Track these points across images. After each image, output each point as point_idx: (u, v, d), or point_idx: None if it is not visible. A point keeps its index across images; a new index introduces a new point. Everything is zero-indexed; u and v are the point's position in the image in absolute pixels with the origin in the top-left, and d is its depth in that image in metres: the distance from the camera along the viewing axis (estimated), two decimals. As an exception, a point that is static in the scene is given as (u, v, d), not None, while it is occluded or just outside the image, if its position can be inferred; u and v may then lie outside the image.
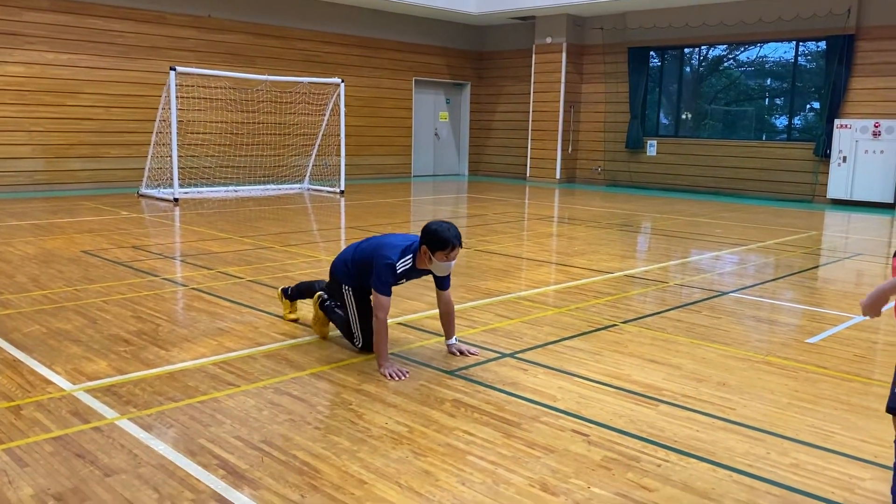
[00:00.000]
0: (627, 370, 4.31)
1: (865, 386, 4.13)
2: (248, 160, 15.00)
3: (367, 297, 4.38)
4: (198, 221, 10.34)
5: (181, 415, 3.52)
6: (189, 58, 14.56)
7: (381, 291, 4.15)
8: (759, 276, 7.42)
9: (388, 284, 4.17)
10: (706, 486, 2.93)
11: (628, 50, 17.59)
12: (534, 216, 12.24)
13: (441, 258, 4.10)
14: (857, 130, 14.24)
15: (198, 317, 5.29)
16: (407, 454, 3.15)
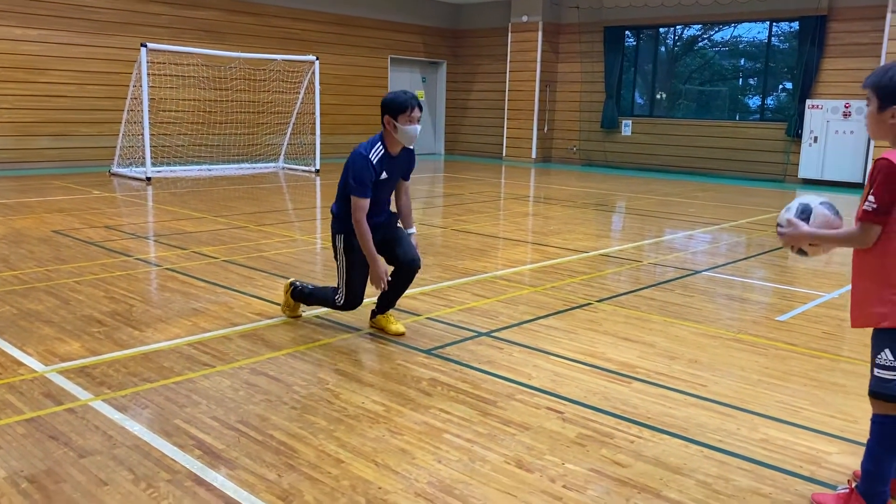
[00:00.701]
0: (602, 348, 4.36)
1: (833, 362, 4.22)
2: (221, 139, 14.82)
3: (357, 248, 4.26)
4: (171, 201, 10.22)
5: (156, 396, 3.50)
6: (162, 34, 14.30)
7: (356, 193, 4.11)
8: (731, 254, 7.52)
9: (364, 183, 4.10)
10: (678, 461, 2.99)
11: (604, 29, 17.58)
12: (510, 196, 12.26)
13: (405, 122, 4.13)
14: (829, 111, 14.41)
15: (172, 297, 5.25)
16: (383, 433, 3.17)
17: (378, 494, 2.67)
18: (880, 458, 2.50)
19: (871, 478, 2.52)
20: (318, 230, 8.55)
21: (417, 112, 4.17)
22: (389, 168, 4.27)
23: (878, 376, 2.50)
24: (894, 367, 2.46)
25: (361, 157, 4.15)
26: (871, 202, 2.41)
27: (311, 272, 6.18)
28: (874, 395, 2.54)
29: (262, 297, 5.29)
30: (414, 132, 4.18)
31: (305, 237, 7.88)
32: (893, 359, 2.45)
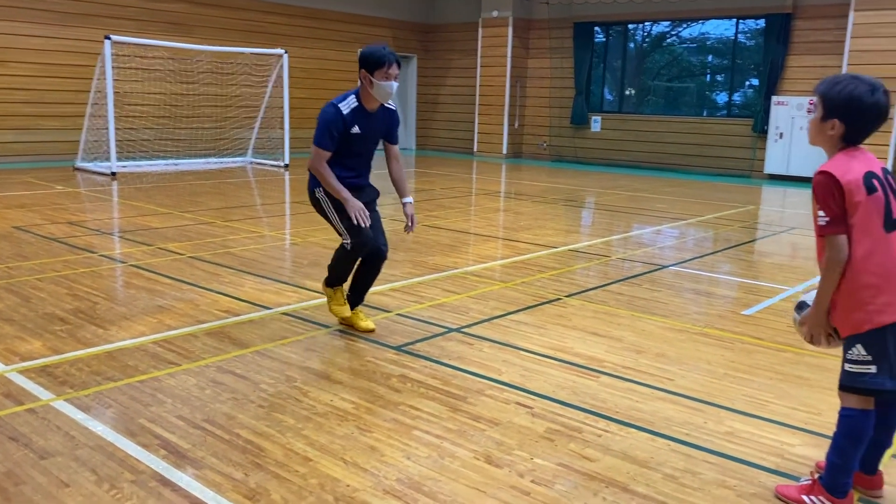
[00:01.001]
0: (570, 343, 4.38)
1: (798, 356, 4.29)
2: (188, 133, 14.62)
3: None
4: (136, 196, 10.06)
5: (120, 395, 3.44)
6: (126, 26, 14.05)
7: (318, 141, 4.02)
8: (698, 249, 7.60)
9: (329, 132, 3.99)
10: (645, 455, 3.01)
11: (574, 25, 17.65)
12: (481, 191, 12.27)
13: (381, 77, 4.00)
14: (794, 107, 14.63)
15: (137, 294, 5.17)
16: (352, 430, 3.15)
17: (346, 492, 2.65)
18: (846, 450, 2.54)
19: (836, 470, 2.56)
20: (286, 226, 8.48)
21: (395, 69, 4.04)
22: (364, 124, 4.11)
23: (848, 370, 2.54)
24: (866, 361, 2.49)
25: (331, 107, 4.04)
26: (823, 216, 2.46)
27: (280, 268, 6.12)
28: (844, 389, 2.57)
29: (229, 293, 5.23)
30: (390, 89, 4.05)
31: (274, 233, 7.80)
32: (865, 353, 2.49)
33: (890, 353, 2.48)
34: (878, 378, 2.48)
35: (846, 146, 2.52)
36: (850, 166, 2.46)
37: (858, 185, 2.43)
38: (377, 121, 4.21)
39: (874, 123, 2.48)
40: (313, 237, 7.40)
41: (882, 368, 2.47)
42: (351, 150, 4.15)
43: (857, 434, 2.53)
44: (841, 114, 2.47)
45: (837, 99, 2.46)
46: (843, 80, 2.47)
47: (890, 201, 2.48)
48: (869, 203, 2.43)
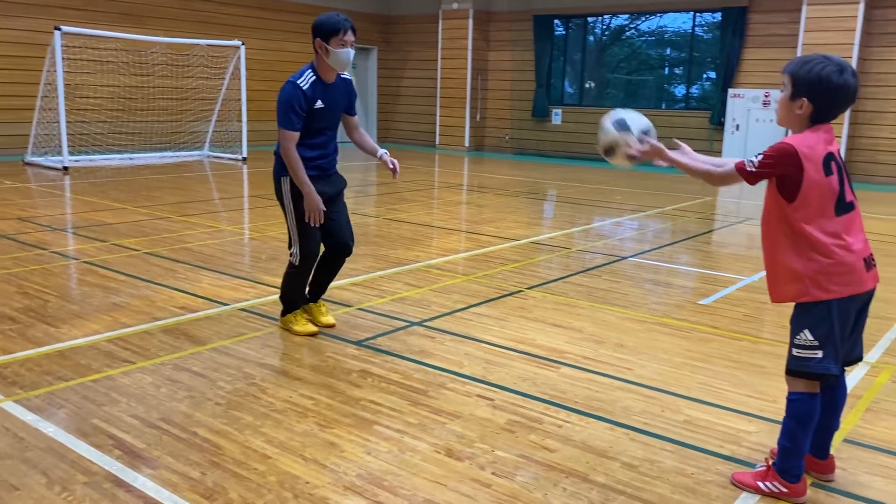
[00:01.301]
0: (532, 335, 4.40)
1: (753, 344, 4.36)
2: (143, 126, 14.30)
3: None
4: (90, 191, 9.83)
5: (73, 395, 3.36)
6: (77, 17, 13.67)
7: (283, 123, 3.88)
8: (656, 240, 7.69)
9: (294, 111, 3.86)
10: (604, 444, 3.03)
11: (533, 18, 17.70)
12: (443, 184, 12.25)
13: (337, 45, 3.88)
14: (749, 100, 14.88)
15: (90, 291, 5.05)
16: (312, 427, 3.11)
17: (306, 489, 2.62)
18: (796, 434, 2.59)
19: (788, 454, 2.61)
20: (245, 220, 8.37)
21: (350, 35, 3.93)
22: (326, 97, 3.99)
23: (795, 355, 2.59)
24: (812, 346, 2.54)
25: (290, 85, 3.90)
26: (753, 164, 2.53)
27: (237, 264, 6.03)
28: (792, 374, 2.62)
29: (186, 290, 5.14)
30: (347, 56, 3.92)
31: (232, 227, 7.69)
32: (812, 338, 2.54)
33: (835, 337, 2.53)
34: (823, 363, 2.53)
35: (812, 125, 2.55)
36: (814, 144, 2.50)
37: (818, 166, 2.47)
38: (337, 92, 4.08)
39: (842, 104, 2.50)
40: (272, 231, 7.31)
41: (828, 353, 2.53)
42: (315, 128, 4.00)
43: (805, 417, 2.58)
44: (810, 93, 2.49)
45: (807, 78, 2.49)
46: (814, 60, 2.50)
47: (843, 185, 2.53)
48: (824, 184, 2.48)
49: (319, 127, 4.03)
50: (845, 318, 2.56)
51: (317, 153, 4.06)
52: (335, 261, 4.35)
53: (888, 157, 13.92)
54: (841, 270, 2.50)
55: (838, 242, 2.50)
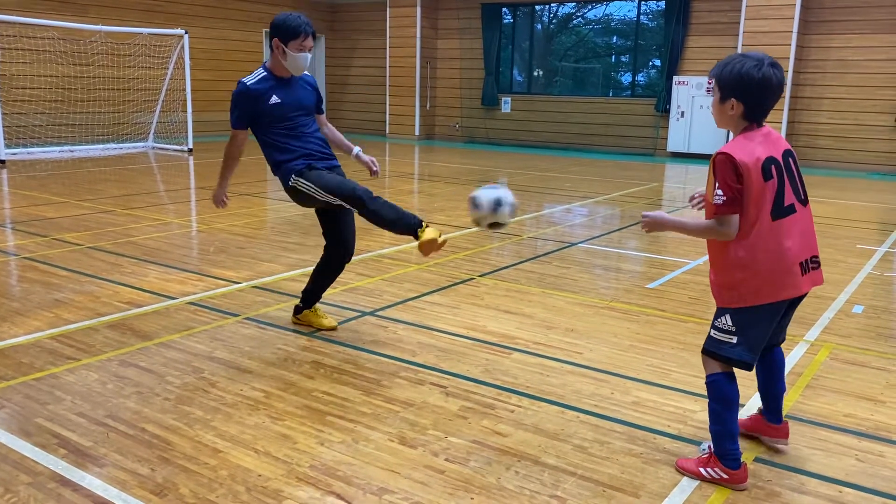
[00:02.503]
0: (483, 321, 4.43)
1: (699, 326, 4.47)
2: (84, 117, 13.90)
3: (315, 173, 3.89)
4: (28, 185, 9.52)
5: (14, 394, 3.27)
6: (10, 4, 13.19)
7: (231, 122, 3.87)
8: (605, 226, 7.81)
9: (241, 109, 3.82)
10: (556, 427, 3.08)
11: (482, 6, 17.71)
12: (394, 173, 12.21)
13: (296, 49, 3.81)
14: (693, 87, 15.17)
15: (31, 288, 4.90)
16: (264, 419, 3.09)
17: (258, 482, 2.60)
18: (721, 415, 2.65)
19: (720, 437, 2.67)
20: (192, 212, 8.21)
21: (310, 40, 3.87)
22: (282, 92, 3.88)
23: (713, 337, 2.66)
24: (730, 331, 2.61)
25: (239, 85, 3.85)
26: (720, 195, 2.48)
27: (185, 257, 5.92)
28: (707, 354, 2.69)
29: (131, 284, 5.03)
30: (304, 60, 3.86)
31: (179, 220, 7.54)
32: (731, 325, 2.60)
33: (757, 331, 2.60)
34: (737, 349, 2.60)
35: (749, 125, 2.57)
36: (752, 149, 2.50)
37: (757, 170, 2.47)
38: (298, 88, 3.99)
39: (769, 98, 2.53)
40: (219, 223, 7.20)
41: (741, 342, 2.60)
42: (283, 126, 3.89)
43: (726, 398, 2.64)
44: (736, 93, 2.52)
45: (729, 78, 2.53)
46: (732, 61, 2.54)
47: (784, 188, 2.53)
48: (764, 189, 2.48)
49: (289, 125, 3.92)
50: (772, 318, 2.63)
51: (300, 142, 3.94)
52: (337, 264, 4.19)
53: (826, 143, 14.36)
54: (773, 278, 2.53)
55: (772, 249, 2.51)
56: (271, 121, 3.88)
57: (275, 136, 3.92)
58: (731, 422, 2.65)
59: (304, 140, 3.96)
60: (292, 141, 3.93)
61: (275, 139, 3.92)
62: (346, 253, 4.18)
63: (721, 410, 2.65)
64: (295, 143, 3.93)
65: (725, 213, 2.49)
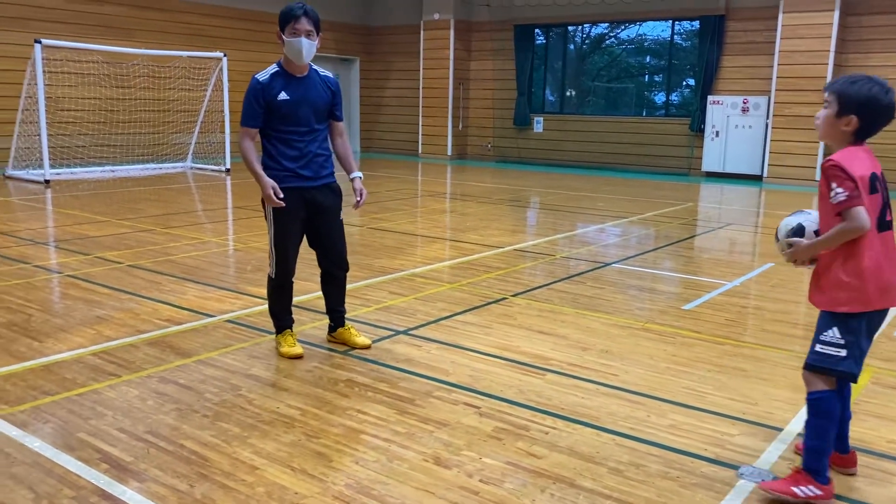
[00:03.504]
0: (517, 342, 4.43)
1: (736, 348, 4.41)
2: (125, 138, 14.23)
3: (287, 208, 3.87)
4: (72, 204, 9.77)
5: (58, 409, 3.34)
6: (58, 30, 13.61)
7: (242, 120, 3.81)
8: (639, 247, 7.76)
9: (251, 106, 3.79)
10: (591, 450, 3.06)
11: (514, 27, 17.82)
12: (426, 193, 12.28)
13: (290, 33, 3.77)
14: (728, 106, 15.06)
15: (74, 305, 5.02)
16: (300, 437, 3.12)
17: (294, 500, 2.63)
18: (822, 432, 2.65)
19: (818, 454, 2.66)
20: (229, 231, 8.35)
21: (305, 23, 3.77)
22: (293, 90, 3.83)
23: (820, 352, 2.66)
24: (838, 344, 2.62)
25: (252, 81, 3.83)
26: (841, 192, 2.53)
27: (223, 275, 6.02)
28: (814, 370, 2.68)
29: (171, 302, 5.12)
30: (298, 45, 3.77)
31: (216, 239, 7.67)
32: (839, 337, 2.62)
33: (861, 342, 2.63)
34: (845, 362, 2.62)
35: (855, 141, 2.66)
36: (859, 163, 2.59)
37: (864, 183, 2.56)
38: (312, 87, 3.90)
39: (884, 122, 2.65)
40: (256, 242, 7.31)
41: (850, 354, 2.62)
42: (287, 123, 3.82)
43: (830, 414, 2.65)
44: (858, 111, 2.60)
45: (856, 97, 2.60)
46: (861, 80, 2.62)
47: (886, 203, 2.64)
48: (870, 202, 2.56)
49: (293, 122, 3.84)
50: (875, 329, 2.68)
51: (294, 153, 3.87)
52: (333, 278, 4.22)
53: (865, 162, 14.10)
54: (882, 286, 2.60)
55: (881, 258, 2.59)
56: (276, 120, 3.83)
57: (273, 139, 3.87)
58: (829, 439, 2.67)
59: (299, 150, 3.89)
60: (287, 150, 3.87)
61: (273, 143, 3.88)
62: (334, 264, 4.16)
63: (825, 426, 2.65)
64: (290, 150, 3.87)
65: (851, 206, 2.53)
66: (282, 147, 3.90)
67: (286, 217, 3.92)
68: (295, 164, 3.90)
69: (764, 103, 14.65)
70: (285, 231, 3.96)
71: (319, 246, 4.16)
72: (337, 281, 4.26)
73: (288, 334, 4.18)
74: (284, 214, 3.91)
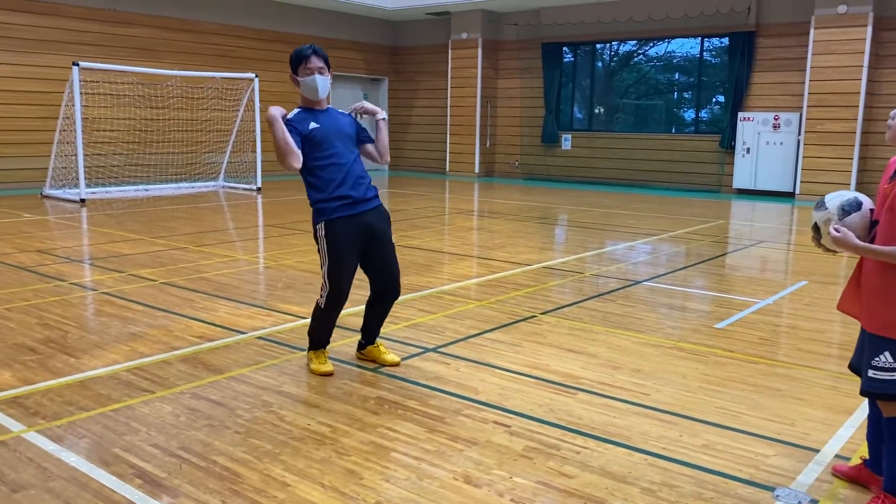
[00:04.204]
0: (546, 360, 4.41)
1: (770, 367, 4.35)
2: (158, 158, 14.51)
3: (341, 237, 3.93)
4: (106, 222, 9.95)
5: (93, 424, 3.40)
6: (94, 52, 13.96)
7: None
8: (670, 264, 7.69)
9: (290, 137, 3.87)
10: (623, 470, 3.03)
11: (542, 45, 17.87)
12: (454, 210, 12.32)
13: (303, 73, 3.97)
14: (759, 123, 14.92)
15: (108, 322, 5.11)
16: (330, 454, 3.13)
17: (325, 517, 2.63)
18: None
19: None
20: (260, 249, 8.44)
21: (315, 61, 3.96)
22: (321, 121, 3.97)
23: (872, 377, 2.60)
24: (892, 368, 2.54)
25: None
26: None
27: (254, 292, 6.08)
28: (867, 395, 2.64)
29: (203, 319, 5.19)
30: (313, 82, 3.95)
31: (247, 256, 7.76)
32: (893, 361, 2.54)
33: None
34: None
35: None
36: None
37: None
38: (336, 117, 4.08)
39: None
40: (287, 260, 7.38)
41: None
42: (324, 149, 3.91)
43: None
44: None
45: None
46: None
47: None
48: None
49: (328, 147, 3.93)
50: None
51: (340, 175, 3.92)
52: (383, 303, 4.22)
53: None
54: None
55: None
56: (314, 149, 3.91)
57: (316, 169, 3.92)
58: None
59: (345, 172, 3.95)
60: (333, 175, 3.92)
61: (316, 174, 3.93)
62: (387, 290, 4.17)
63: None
64: (335, 178, 3.92)
65: None
66: (327, 173, 3.93)
67: (342, 246, 3.93)
68: (343, 188, 3.93)
69: (795, 119, 14.50)
70: (341, 261, 3.95)
71: (373, 271, 4.13)
72: (385, 307, 4.25)
73: (321, 352, 4.20)
74: (341, 243, 3.92)
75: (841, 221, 2.62)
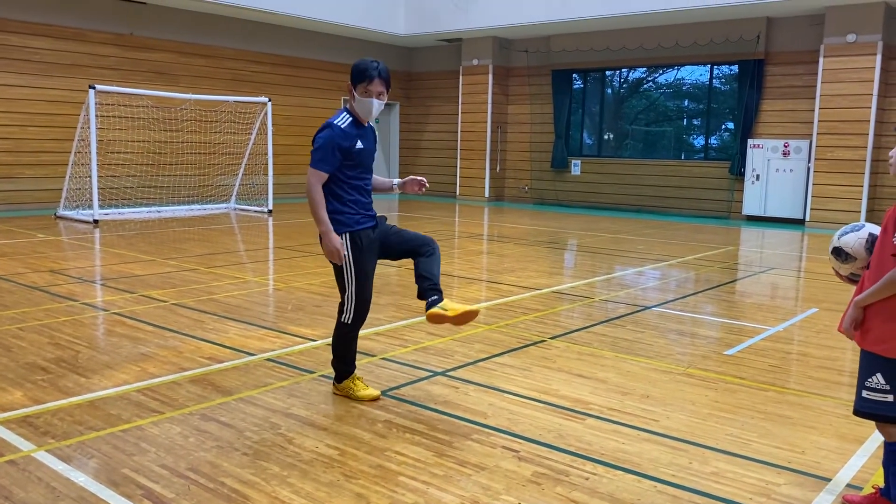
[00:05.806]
0: (555, 385, 4.40)
1: (780, 395, 4.32)
2: (171, 180, 14.65)
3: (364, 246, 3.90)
4: (119, 243, 10.03)
5: (103, 444, 3.41)
6: (110, 76, 14.17)
7: (317, 163, 3.72)
8: (680, 290, 7.67)
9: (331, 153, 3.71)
10: (632, 497, 3.01)
11: (552, 72, 18.01)
12: (464, 234, 12.34)
13: (361, 92, 3.78)
14: (769, 150, 14.94)
15: (119, 342, 5.13)
16: (338, 477, 3.13)
17: (333, 540, 2.63)
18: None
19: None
20: (270, 271, 8.48)
21: (378, 85, 3.79)
22: (365, 140, 3.87)
23: (865, 397, 2.62)
24: (884, 390, 2.57)
25: (331, 126, 3.77)
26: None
27: (264, 314, 6.11)
28: (860, 415, 2.65)
29: (213, 340, 5.21)
30: (370, 105, 3.81)
31: (258, 278, 7.80)
32: (884, 383, 2.57)
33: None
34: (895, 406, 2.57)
35: None
36: None
37: None
38: (373, 138, 4.00)
39: None
40: (297, 282, 7.41)
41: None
42: (357, 169, 3.87)
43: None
44: None
45: None
46: None
47: None
48: None
49: (362, 169, 3.91)
50: None
51: (366, 199, 3.95)
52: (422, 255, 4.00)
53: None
54: None
55: None
56: (349, 167, 3.85)
57: (344, 185, 3.86)
58: None
59: (369, 193, 3.99)
60: (361, 197, 3.92)
61: (345, 189, 3.87)
62: (421, 246, 4.01)
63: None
64: (364, 197, 3.95)
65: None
66: (356, 193, 3.91)
67: (366, 256, 3.92)
68: (366, 208, 3.98)
69: (805, 147, 14.51)
70: (366, 274, 3.93)
71: (399, 251, 4.06)
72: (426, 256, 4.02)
73: (356, 378, 4.14)
74: (365, 254, 3.90)
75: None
